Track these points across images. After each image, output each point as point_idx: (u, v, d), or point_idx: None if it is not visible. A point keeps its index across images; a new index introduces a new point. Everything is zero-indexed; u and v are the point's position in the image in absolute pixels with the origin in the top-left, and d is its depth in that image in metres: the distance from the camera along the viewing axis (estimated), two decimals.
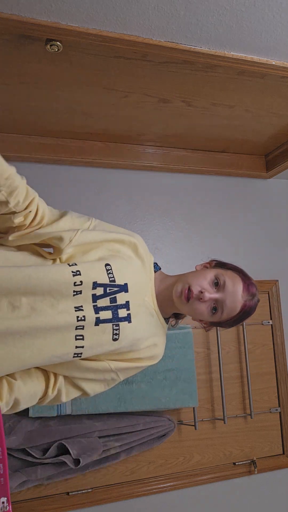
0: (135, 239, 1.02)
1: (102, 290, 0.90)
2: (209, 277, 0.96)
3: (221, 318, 0.97)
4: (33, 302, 0.85)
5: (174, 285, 0.98)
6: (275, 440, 2.04)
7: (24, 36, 1.14)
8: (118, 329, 0.91)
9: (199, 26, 1.13)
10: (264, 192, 2.22)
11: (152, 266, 1.05)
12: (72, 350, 0.88)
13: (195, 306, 0.94)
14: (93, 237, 0.96)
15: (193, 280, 0.95)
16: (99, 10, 1.06)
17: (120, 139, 1.87)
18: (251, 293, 0.97)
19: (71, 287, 0.87)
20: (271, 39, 1.19)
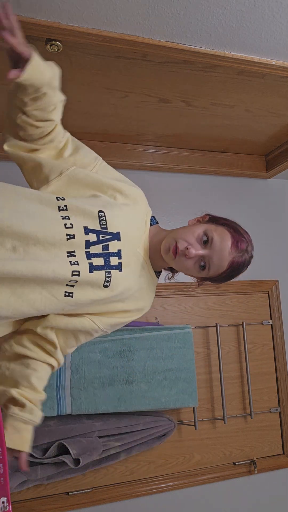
0: (136, 189, 1.02)
1: (95, 236, 0.89)
2: (197, 233, 0.94)
3: (209, 274, 0.96)
4: (26, 243, 0.83)
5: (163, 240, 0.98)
6: (275, 440, 2.04)
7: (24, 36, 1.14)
8: (110, 276, 0.90)
9: (199, 26, 1.13)
10: (264, 192, 2.22)
11: (149, 219, 1.04)
12: (63, 288, 0.86)
13: (181, 262, 0.94)
14: (88, 179, 0.95)
15: (181, 235, 0.94)
16: (99, 10, 1.06)
17: (120, 139, 1.87)
18: (240, 249, 0.95)
19: (63, 230, 0.86)
20: (271, 39, 1.19)
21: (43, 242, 0.84)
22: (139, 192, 1.04)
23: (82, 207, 0.90)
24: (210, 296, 2.00)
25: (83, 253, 0.88)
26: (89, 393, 1.62)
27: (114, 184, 0.97)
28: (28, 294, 0.84)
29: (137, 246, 0.98)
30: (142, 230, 1.01)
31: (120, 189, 0.98)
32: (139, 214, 1.01)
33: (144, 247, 1.00)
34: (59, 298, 0.87)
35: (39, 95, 0.88)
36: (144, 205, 1.04)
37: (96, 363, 1.65)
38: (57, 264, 0.85)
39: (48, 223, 0.86)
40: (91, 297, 0.90)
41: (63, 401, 1.59)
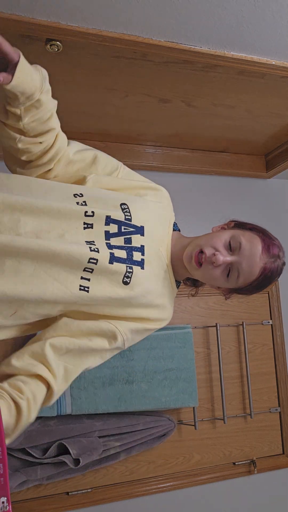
0: (161, 188, 0.97)
1: (116, 228, 0.81)
2: (224, 238, 0.86)
3: (238, 283, 0.86)
4: (39, 230, 0.76)
5: (186, 247, 0.89)
6: (275, 440, 2.04)
7: (24, 36, 1.14)
8: (132, 272, 0.81)
9: (199, 26, 1.13)
10: (264, 192, 2.22)
11: (172, 223, 0.96)
12: (78, 281, 0.77)
13: (208, 271, 0.84)
14: (112, 183, 0.90)
15: (206, 241, 0.86)
16: (99, 10, 1.06)
17: (120, 139, 1.87)
18: (272, 254, 0.85)
19: (81, 218, 0.79)
20: (271, 39, 1.19)
21: (57, 229, 0.77)
22: (166, 193, 0.99)
23: (100, 196, 0.84)
24: (211, 296, 2.00)
25: (103, 243, 0.80)
26: (89, 393, 1.62)
27: (140, 184, 0.94)
28: (36, 280, 0.75)
29: (160, 246, 0.90)
30: (166, 232, 0.93)
31: (147, 187, 0.94)
32: (165, 214, 0.95)
33: (167, 250, 0.92)
34: (72, 290, 0.77)
35: (33, 102, 0.80)
36: (169, 207, 0.98)
37: None
38: (74, 246, 0.76)
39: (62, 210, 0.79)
40: (109, 294, 0.80)
41: (63, 401, 1.59)
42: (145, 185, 0.95)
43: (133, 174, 0.98)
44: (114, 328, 0.84)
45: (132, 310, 0.86)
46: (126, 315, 0.86)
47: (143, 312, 0.88)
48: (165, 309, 0.92)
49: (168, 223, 0.95)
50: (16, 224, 0.75)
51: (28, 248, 0.73)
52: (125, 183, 0.93)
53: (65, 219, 0.78)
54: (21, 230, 0.75)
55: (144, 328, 0.89)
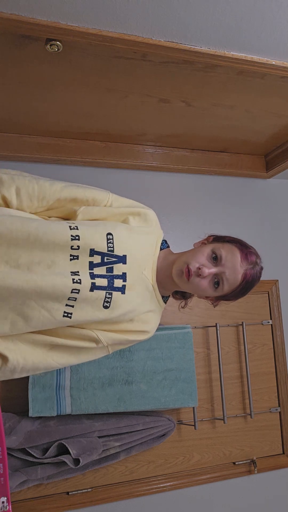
0: (147, 211, 1.03)
1: (99, 258, 0.91)
2: (206, 252, 0.96)
3: (224, 291, 0.96)
4: (30, 262, 0.85)
5: (173, 264, 0.99)
6: (275, 439, 2.04)
7: (24, 36, 1.14)
8: (111, 297, 0.91)
9: (199, 26, 1.13)
10: (264, 192, 2.22)
11: (160, 242, 1.04)
12: (62, 308, 0.88)
13: (196, 283, 0.94)
14: (102, 213, 0.97)
15: (191, 258, 0.95)
16: (99, 10, 1.06)
17: (120, 139, 1.87)
18: (250, 261, 0.97)
19: (68, 250, 0.88)
20: (271, 39, 1.19)
21: (46, 260, 0.87)
22: (152, 215, 1.05)
23: (89, 228, 0.91)
24: None
25: (87, 273, 0.89)
26: (89, 393, 1.62)
27: (128, 210, 1.01)
28: (26, 312, 0.85)
29: (143, 269, 0.98)
30: (151, 253, 1.01)
31: (132, 212, 1.01)
32: (150, 237, 1.02)
33: (152, 271, 1.01)
34: (57, 318, 0.88)
35: None
36: (156, 228, 1.05)
37: (96, 363, 1.65)
38: (59, 280, 0.85)
39: (55, 241, 0.88)
40: (90, 318, 0.91)
41: (63, 401, 1.59)
42: (132, 211, 1.01)
43: (121, 200, 1.04)
44: (95, 335, 0.94)
45: (114, 326, 0.96)
46: (109, 329, 0.96)
47: (126, 326, 0.98)
48: (148, 323, 1.02)
49: (155, 244, 1.03)
50: (11, 257, 0.85)
51: (18, 287, 0.83)
52: (114, 211, 1.00)
53: (54, 251, 0.88)
54: (14, 263, 0.85)
55: (126, 339, 0.99)
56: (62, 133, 1.77)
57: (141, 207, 1.04)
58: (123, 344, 1.01)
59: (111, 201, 1.01)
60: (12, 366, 0.87)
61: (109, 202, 1.00)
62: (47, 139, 1.78)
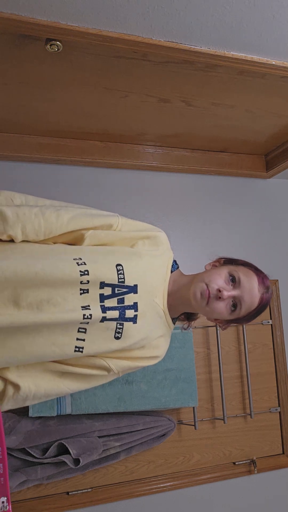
0: (158, 234, 1.00)
1: (110, 290, 0.88)
2: (224, 274, 0.94)
3: (240, 315, 0.95)
4: (39, 300, 0.83)
5: (187, 286, 0.96)
6: (275, 439, 2.04)
7: (24, 36, 1.14)
8: (122, 328, 0.89)
9: (199, 26, 1.13)
10: (264, 192, 2.22)
11: (170, 265, 1.02)
12: (73, 343, 0.87)
13: (214, 306, 0.92)
14: (110, 236, 0.95)
15: (209, 279, 0.93)
16: (99, 10, 1.06)
17: (120, 139, 1.87)
18: (266, 286, 0.96)
19: (77, 285, 0.86)
20: (271, 39, 1.19)
21: (55, 297, 0.85)
22: (163, 237, 1.02)
23: (98, 259, 0.89)
24: None
25: (98, 306, 0.87)
26: (89, 393, 1.62)
27: (137, 235, 0.98)
28: (36, 351, 0.85)
29: (155, 296, 0.96)
30: (163, 278, 0.99)
31: (142, 237, 0.98)
32: (161, 261, 1.00)
33: (163, 296, 0.98)
34: (68, 353, 0.87)
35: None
36: (167, 250, 1.03)
37: None
38: (69, 316, 0.84)
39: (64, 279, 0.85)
40: (102, 349, 0.90)
41: (63, 401, 1.59)
42: (141, 235, 0.99)
43: (131, 224, 1.00)
44: (106, 364, 0.93)
45: (125, 353, 0.95)
46: (120, 356, 0.95)
47: (137, 353, 0.97)
48: (159, 348, 1.01)
49: (166, 268, 1.01)
50: (18, 297, 0.83)
51: (29, 325, 0.82)
52: (123, 235, 0.97)
53: (62, 287, 0.85)
54: (23, 303, 0.83)
55: (136, 366, 0.98)
56: (62, 133, 1.77)
57: (151, 230, 1.01)
58: (133, 369, 1.00)
59: (120, 226, 0.97)
60: (24, 394, 0.86)
61: (118, 227, 0.97)
62: (47, 139, 1.78)
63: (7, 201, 0.94)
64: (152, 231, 1.01)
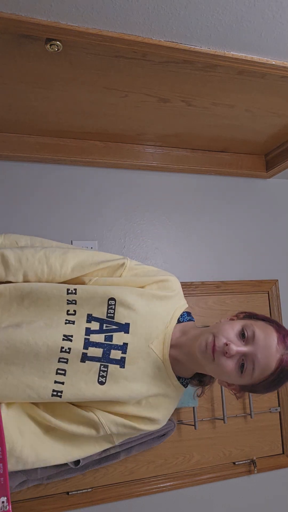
0: (168, 278, 0.92)
1: (97, 325, 0.81)
2: (236, 327, 0.82)
3: (253, 378, 0.79)
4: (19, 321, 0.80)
5: (196, 338, 0.84)
6: (275, 439, 2.04)
7: (24, 36, 1.14)
8: (106, 371, 0.79)
9: (199, 25, 1.12)
10: (264, 192, 2.22)
11: (178, 313, 0.91)
12: (51, 385, 0.78)
13: (220, 362, 0.78)
14: (115, 281, 0.88)
15: (218, 330, 0.81)
16: (99, 10, 1.06)
17: (120, 138, 1.87)
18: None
19: (64, 306, 0.80)
20: (271, 38, 1.19)
21: (43, 319, 0.80)
22: (175, 283, 0.93)
23: (91, 292, 0.83)
24: (210, 296, 2.00)
25: (82, 340, 0.80)
26: None
27: (145, 280, 0.90)
28: (8, 389, 0.77)
29: (150, 342, 0.85)
30: (164, 324, 0.88)
31: (152, 282, 0.90)
32: (166, 305, 0.90)
33: (164, 345, 0.86)
34: (45, 397, 0.77)
35: None
36: (177, 296, 0.92)
37: None
38: (48, 339, 0.77)
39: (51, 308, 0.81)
40: (83, 396, 0.79)
41: None
42: (151, 280, 0.91)
43: (138, 268, 0.92)
44: (96, 418, 0.81)
45: (118, 408, 0.83)
46: (111, 411, 0.83)
47: (132, 410, 0.84)
48: (158, 409, 0.86)
49: (171, 315, 0.90)
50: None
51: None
52: (128, 280, 0.90)
53: (49, 313, 0.80)
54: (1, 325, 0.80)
55: (131, 426, 0.84)
56: (62, 133, 1.77)
57: (161, 275, 0.93)
58: (128, 432, 0.86)
59: (127, 270, 0.91)
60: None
61: (125, 272, 0.91)
62: (47, 139, 1.78)
63: (11, 243, 0.89)
64: (163, 276, 0.93)
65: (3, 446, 0.78)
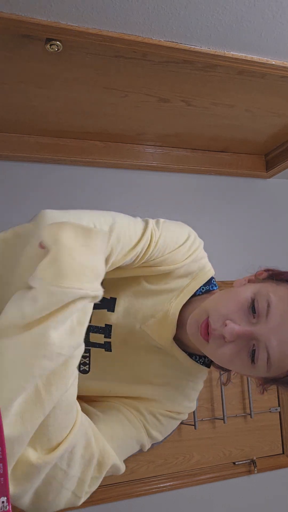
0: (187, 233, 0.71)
1: None
2: (244, 298, 0.57)
3: (271, 371, 0.55)
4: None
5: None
6: (275, 439, 2.04)
7: (24, 36, 1.14)
8: (88, 357, 0.64)
9: (199, 25, 1.12)
10: (264, 192, 2.22)
11: (199, 284, 0.69)
12: None
13: (217, 350, 0.57)
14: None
15: (215, 304, 0.59)
16: (99, 10, 1.06)
17: (120, 138, 1.87)
18: None
19: None
20: (271, 38, 1.19)
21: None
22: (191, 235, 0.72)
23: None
24: None
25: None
26: None
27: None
28: None
29: (142, 323, 0.66)
30: (167, 299, 0.66)
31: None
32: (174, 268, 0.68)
33: (168, 325, 0.65)
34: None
35: None
36: (189, 259, 0.70)
37: None
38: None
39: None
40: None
41: None
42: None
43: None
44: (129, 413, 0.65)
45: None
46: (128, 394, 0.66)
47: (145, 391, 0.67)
48: (173, 399, 0.69)
49: (181, 289, 0.68)
50: None
51: None
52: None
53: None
54: None
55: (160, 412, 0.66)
56: (62, 133, 1.77)
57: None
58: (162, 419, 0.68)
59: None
60: None
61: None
62: (47, 139, 1.78)
63: None
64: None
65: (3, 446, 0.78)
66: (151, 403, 0.66)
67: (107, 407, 0.65)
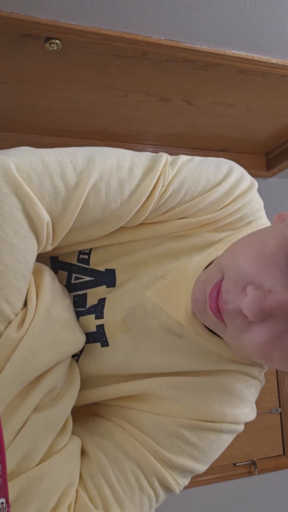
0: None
1: (64, 275, 0.47)
2: (273, 249, 0.35)
3: None
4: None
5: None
6: (276, 440, 2.03)
7: (23, 35, 1.13)
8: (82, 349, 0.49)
9: (200, 24, 1.12)
10: (264, 192, 2.20)
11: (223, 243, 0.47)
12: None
13: (240, 337, 0.37)
14: None
15: (234, 263, 0.37)
16: (99, 8, 1.05)
17: (120, 138, 1.86)
18: None
19: None
20: (272, 37, 1.19)
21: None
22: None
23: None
24: None
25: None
26: None
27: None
28: None
29: (147, 288, 0.46)
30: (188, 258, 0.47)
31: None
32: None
33: (182, 293, 0.43)
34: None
35: None
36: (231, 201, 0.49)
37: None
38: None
39: None
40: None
41: None
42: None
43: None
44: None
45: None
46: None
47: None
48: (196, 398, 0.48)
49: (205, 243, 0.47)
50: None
51: None
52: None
53: None
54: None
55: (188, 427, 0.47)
56: (62, 132, 1.76)
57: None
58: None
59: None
60: None
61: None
62: (47, 138, 1.78)
63: None
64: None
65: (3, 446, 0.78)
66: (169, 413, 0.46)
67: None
